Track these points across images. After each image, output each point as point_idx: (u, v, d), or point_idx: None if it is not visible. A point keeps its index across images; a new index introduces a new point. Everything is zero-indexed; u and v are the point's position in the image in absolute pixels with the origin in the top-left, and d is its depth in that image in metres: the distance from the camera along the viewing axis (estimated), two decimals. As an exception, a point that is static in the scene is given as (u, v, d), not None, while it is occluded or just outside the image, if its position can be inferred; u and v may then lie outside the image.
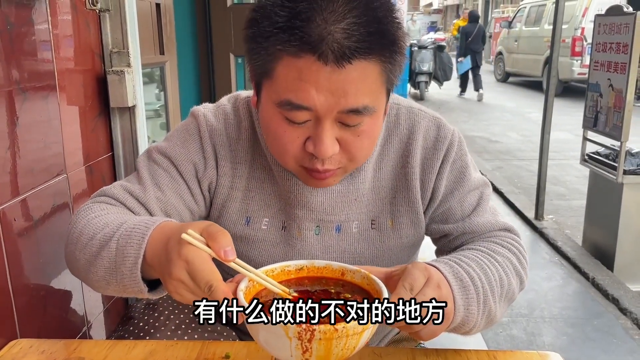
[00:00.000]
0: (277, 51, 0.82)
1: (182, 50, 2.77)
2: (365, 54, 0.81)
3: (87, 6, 1.55)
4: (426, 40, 11.90)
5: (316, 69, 0.80)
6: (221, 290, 0.72)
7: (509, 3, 24.03)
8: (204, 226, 0.76)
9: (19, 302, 1.20)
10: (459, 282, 0.87)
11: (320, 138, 0.85)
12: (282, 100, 0.84)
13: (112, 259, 0.84)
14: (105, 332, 1.64)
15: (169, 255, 0.76)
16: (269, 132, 0.91)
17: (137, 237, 0.82)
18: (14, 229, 1.19)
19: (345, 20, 0.79)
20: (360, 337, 0.71)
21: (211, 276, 0.72)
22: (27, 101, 1.24)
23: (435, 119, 1.08)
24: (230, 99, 1.10)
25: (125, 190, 1.00)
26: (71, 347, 0.96)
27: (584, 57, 10.41)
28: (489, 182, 1.12)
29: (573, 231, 4.18)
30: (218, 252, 0.73)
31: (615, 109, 3.38)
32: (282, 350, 0.71)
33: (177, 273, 0.74)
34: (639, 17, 3.16)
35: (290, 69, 0.82)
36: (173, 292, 0.76)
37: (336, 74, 0.80)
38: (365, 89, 0.84)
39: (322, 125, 0.85)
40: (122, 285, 0.84)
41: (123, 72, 1.63)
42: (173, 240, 0.76)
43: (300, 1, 0.80)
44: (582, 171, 5.09)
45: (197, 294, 0.74)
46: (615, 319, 2.97)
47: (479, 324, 0.91)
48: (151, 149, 1.06)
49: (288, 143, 0.88)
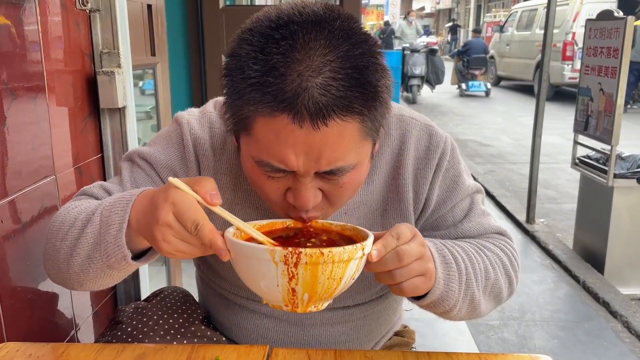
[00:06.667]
0: (251, 111, 0.78)
1: (174, 51, 2.76)
2: (343, 112, 0.75)
3: (77, 6, 1.54)
4: (419, 44, 11.96)
5: (292, 130, 0.75)
6: (208, 229, 0.73)
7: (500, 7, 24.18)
8: (190, 177, 0.78)
9: (6, 305, 1.19)
10: (442, 258, 0.89)
11: (300, 192, 0.82)
12: (261, 161, 0.81)
13: (96, 232, 0.84)
14: (93, 336, 1.63)
15: (155, 202, 0.76)
16: (251, 180, 0.89)
17: (122, 204, 0.83)
18: (2, 231, 1.18)
19: (321, 75, 0.74)
20: (347, 267, 0.73)
21: (197, 215, 0.74)
22: (15, 102, 1.23)
23: (426, 127, 1.05)
24: (216, 104, 1.08)
25: (104, 190, 1.00)
26: (58, 350, 0.95)
27: (575, 61, 10.48)
28: (481, 188, 1.11)
29: (564, 234, 4.20)
30: (204, 195, 0.75)
31: (606, 113, 3.40)
32: (268, 279, 0.72)
33: (164, 216, 0.74)
34: (629, 22, 3.19)
35: (266, 129, 0.78)
36: (160, 241, 0.76)
37: (312, 135, 0.75)
38: (344, 148, 0.79)
39: (301, 182, 0.82)
40: (106, 256, 0.83)
41: (113, 73, 1.62)
42: (159, 192, 0.78)
43: (274, 54, 0.75)
44: (573, 175, 5.12)
45: (185, 237, 0.75)
46: (606, 322, 2.98)
47: (460, 306, 0.92)
48: (133, 153, 1.05)
49: (270, 194, 0.86)
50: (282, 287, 0.72)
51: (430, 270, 0.85)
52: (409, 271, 0.81)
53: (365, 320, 1.13)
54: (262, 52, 0.76)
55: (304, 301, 0.74)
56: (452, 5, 33.20)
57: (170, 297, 1.16)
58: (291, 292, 0.72)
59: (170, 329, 1.06)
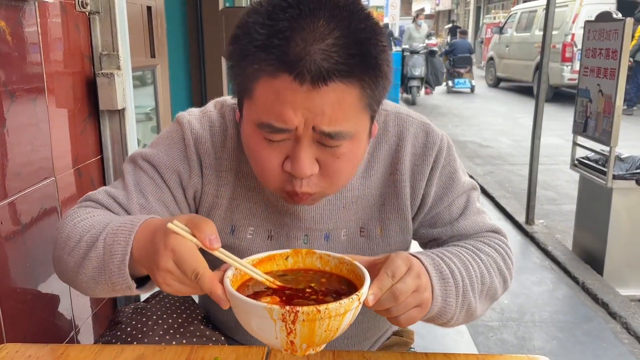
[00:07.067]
0: (255, 71, 0.81)
1: (174, 53, 2.76)
2: (343, 77, 0.79)
3: (77, 8, 1.55)
4: (418, 45, 11.97)
5: (292, 89, 0.78)
6: (208, 278, 0.74)
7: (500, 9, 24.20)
8: (189, 217, 0.78)
9: (6, 306, 1.19)
10: (439, 274, 0.89)
11: (297, 157, 0.84)
12: (261, 122, 0.83)
13: (100, 258, 0.85)
14: (93, 337, 1.63)
15: (155, 247, 0.77)
16: (250, 151, 0.91)
17: (124, 234, 0.84)
18: (1, 232, 1.18)
19: (325, 41, 0.78)
20: (343, 319, 0.73)
21: (197, 264, 0.75)
22: (15, 104, 1.23)
23: (423, 125, 1.07)
24: (216, 104, 1.09)
25: (109, 196, 1.01)
26: (58, 351, 0.95)
27: (574, 62, 10.50)
28: (477, 185, 1.13)
29: (563, 236, 4.20)
30: (203, 240, 0.75)
31: (605, 115, 3.40)
32: (268, 332, 0.72)
33: (165, 263, 0.75)
34: (628, 24, 3.20)
35: (268, 90, 0.81)
36: (162, 284, 0.78)
37: (312, 94, 0.79)
38: (342, 113, 0.81)
39: (300, 144, 0.84)
40: (111, 283, 0.85)
41: (113, 75, 1.62)
42: (159, 232, 0.78)
43: (281, 20, 0.79)
44: (572, 176, 5.12)
45: (185, 283, 0.76)
46: (605, 323, 2.98)
47: (457, 316, 0.93)
48: (136, 155, 1.05)
49: (267, 162, 0.88)
50: (281, 339, 0.73)
51: (427, 300, 0.85)
52: (405, 306, 0.82)
53: (363, 318, 1.13)
54: (269, 18, 0.80)
55: (302, 348, 0.75)
56: (451, 6, 33.22)
57: (169, 297, 1.16)
58: (290, 343, 0.73)
59: (169, 329, 1.06)
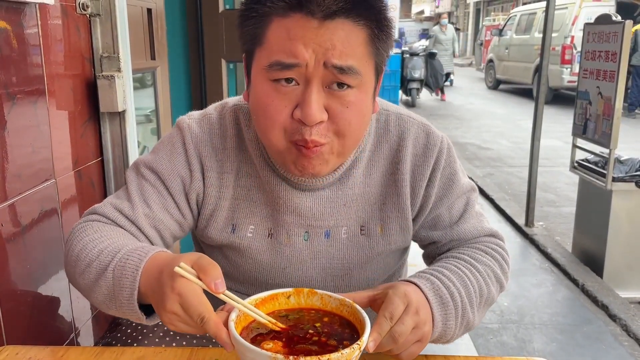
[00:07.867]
0: (267, 13, 0.87)
1: (174, 55, 2.76)
2: (353, 15, 0.85)
3: (78, 11, 1.55)
4: (418, 47, 11.98)
5: (303, 24, 0.84)
6: (213, 322, 0.76)
7: (499, 11, 24.23)
8: (195, 258, 0.79)
9: (6, 308, 1.19)
10: (439, 299, 0.90)
11: (307, 102, 0.87)
12: (272, 62, 0.87)
13: (110, 287, 0.88)
14: (93, 339, 1.63)
15: (162, 289, 0.79)
16: (259, 106, 0.92)
17: (131, 269, 0.86)
18: (1, 234, 1.18)
19: None
20: None
21: (203, 308, 0.76)
22: (15, 106, 1.24)
23: (424, 126, 1.08)
24: (217, 107, 1.11)
25: (115, 209, 1.02)
26: (58, 353, 0.95)
27: (573, 65, 10.51)
28: (475, 187, 1.14)
29: (563, 238, 4.21)
30: (209, 284, 0.77)
31: (604, 117, 3.41)
32: None
33: (171, 306, 0.77)
34: (627, 26, 3.20)
35: (279, 30, 0.86)
36: (168, 323, 0.80)
37: (323, 28, 0.84)
38: (351, 49, 0.86)
39: (309, 87, 0.87)
40: (122, 312, 0.89)
41: (113, 77, 1.62)
42: (165, 274, 0.80)
43: None
44: (572, 178, 5.12)
45: (191, 324, 0.78)
46: (605, 326, 2.98)
47: (456, 334, 0.95)
48: (139, 163, 1.06)
49: (276, 113, 0.89)
50: None
51: (427, 334, 0.87)
52: (404, 344, 0.83)
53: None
54: None
55: None
56: (451, 8, 33.26)
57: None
58: None
59: (169, 331, 1.07)
